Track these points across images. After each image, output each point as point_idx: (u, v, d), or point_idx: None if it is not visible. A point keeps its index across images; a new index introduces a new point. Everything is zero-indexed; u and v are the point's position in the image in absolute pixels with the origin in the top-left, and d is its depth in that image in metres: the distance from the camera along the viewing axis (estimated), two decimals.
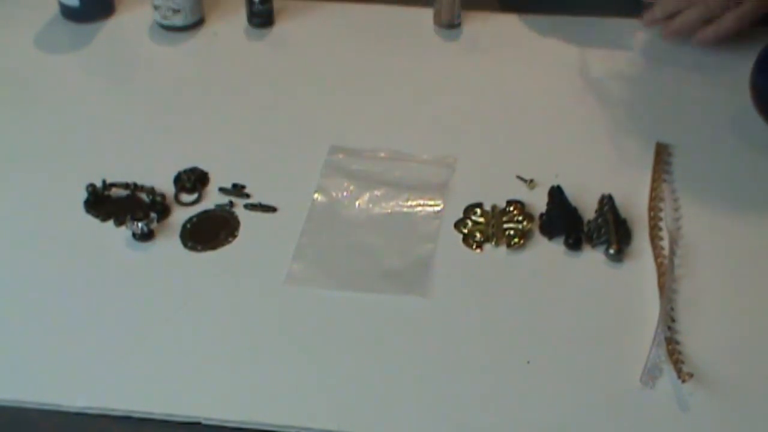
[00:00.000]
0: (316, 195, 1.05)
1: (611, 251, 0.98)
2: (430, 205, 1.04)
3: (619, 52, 1.23)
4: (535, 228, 1.01)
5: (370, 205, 1.04)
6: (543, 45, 1.25)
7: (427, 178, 1.06)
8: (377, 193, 1.05)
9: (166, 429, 0.86)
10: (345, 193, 1.06)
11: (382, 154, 1.08)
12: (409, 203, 1.04)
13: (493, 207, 1.02)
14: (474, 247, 0.99)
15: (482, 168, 1.08)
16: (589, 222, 1.01)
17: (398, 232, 1.01)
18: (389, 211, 1.03)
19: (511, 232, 1.00)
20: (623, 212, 1.01)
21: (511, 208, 1.02)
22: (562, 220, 1.00)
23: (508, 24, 1.28)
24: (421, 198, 1.04)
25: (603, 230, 0.99)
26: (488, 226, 1.01)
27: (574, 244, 0.99)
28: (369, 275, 0.98)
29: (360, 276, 0.98)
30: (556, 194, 1.02)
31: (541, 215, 1.02)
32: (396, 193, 1.05)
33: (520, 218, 1.01)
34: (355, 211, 1.04)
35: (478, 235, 1.00)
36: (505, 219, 1.01)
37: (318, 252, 1.00)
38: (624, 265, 0.98)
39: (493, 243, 0.99)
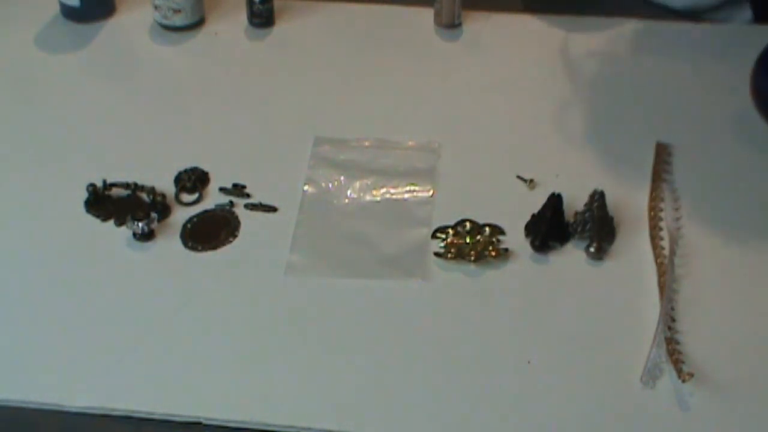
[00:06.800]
0: (306, 187, 1.06)
1: (591, 249, 0.98)
2: (421, 191, 1.05)
3: (619, 51, 1.23)
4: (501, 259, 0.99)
5: (361, 194, 1.05)
6: (544, 45, 1.25)
7: (414, 164, 1.08)
8: (367, 181, 1.06)
9: (167, 429, 0.87)
10: (335, 183, 1.06)
11: (367, 143, 1.10)
12: (399, 189, 1.05)
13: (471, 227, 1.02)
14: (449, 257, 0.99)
15: (480, 165, 1.09)
16: (576, 214, 1.01)
17: (391, 218, 1.03)
18: (379, 198, 1.05)
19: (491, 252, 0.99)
20: (622, 212, 1.02)
21: (487, 230, 1.01)
22: (545, 226, 1.00)
23: (509, 24, 1.28)
24: (410, 184, 1.06)
25: (588, 226, 0.99)
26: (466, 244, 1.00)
27: (540, 247, 0.99)
28: (367, 262, 0.99)
29: (358, 263, 0.99)
30: (554, 201, 1.02)
31: (533, 215, 1.02)
32: (385, 180, 1.06)
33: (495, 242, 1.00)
34: (346, 201, 1.05)
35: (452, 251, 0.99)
36: (479, 239, 1.00)
37: (315, 242, 1.01)
38: (625, 265, 0.98)
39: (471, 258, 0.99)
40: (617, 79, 1.19)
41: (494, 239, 1.00)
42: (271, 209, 1.04)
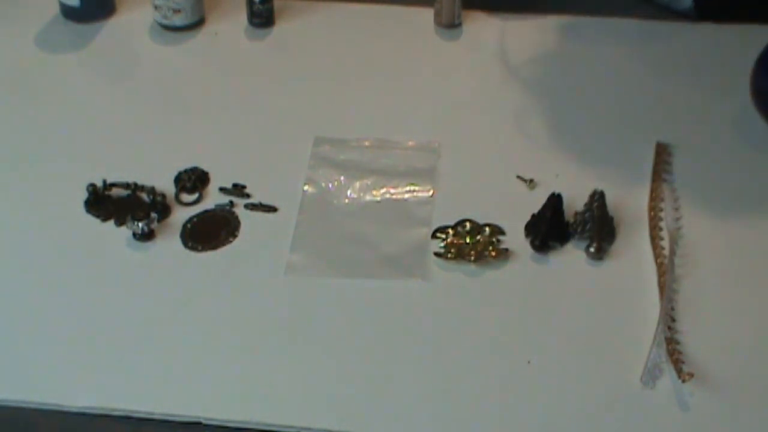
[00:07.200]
0: (306, 187, 1.06)
1: (591, 249, 0.98)
2: (421, 191, 1.05)
3: (620, 51, 1.23)
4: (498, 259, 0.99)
5: (361, 194, 1.05)
6: (544, 45, 1.25)
7: (414, 164, 1.08)
8: (367, 181, 1.06)
9: (167, 429, 0.87)
10: (335, 183, 1.07)
11: (367, 143, 1.10)
12: (399, 189, 1.06)
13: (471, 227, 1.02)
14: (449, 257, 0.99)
15: (480, 165, 1.09)
16: (576, 214, 1.01)
17: (392, 218, 1.03)
18: (379, 198, 1.05)
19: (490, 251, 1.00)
20: (622, 212, 1.02)
21: (487, 230, 1.02)
22: (545, 226, 1.00)
23: (509, 24, 1.28)
24: (410, 184, 1.06)
25: (588, 226, 0.99)
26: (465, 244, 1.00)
27: (540, 247, 0.99)
28: (367, 262, 0.99)
29: (358, 263, 0.99)
30: (554, 201, 1.02)
31: (533, 215, 1.02)
32: (385, 180, 1.07)
33: (494, 242, 1.00)
34: (346, 201, 1.05)
35: (453, 251, 1.00)
36: (479, 239, 1.00)
37: (315, 242, 1.01)
38: (625, 265, 0.98)
39: (472, 258, 0.99)
40: (617, 79, 1.19)
41: (494, 239, 1.00)
42: (271, 209, 1.04)
